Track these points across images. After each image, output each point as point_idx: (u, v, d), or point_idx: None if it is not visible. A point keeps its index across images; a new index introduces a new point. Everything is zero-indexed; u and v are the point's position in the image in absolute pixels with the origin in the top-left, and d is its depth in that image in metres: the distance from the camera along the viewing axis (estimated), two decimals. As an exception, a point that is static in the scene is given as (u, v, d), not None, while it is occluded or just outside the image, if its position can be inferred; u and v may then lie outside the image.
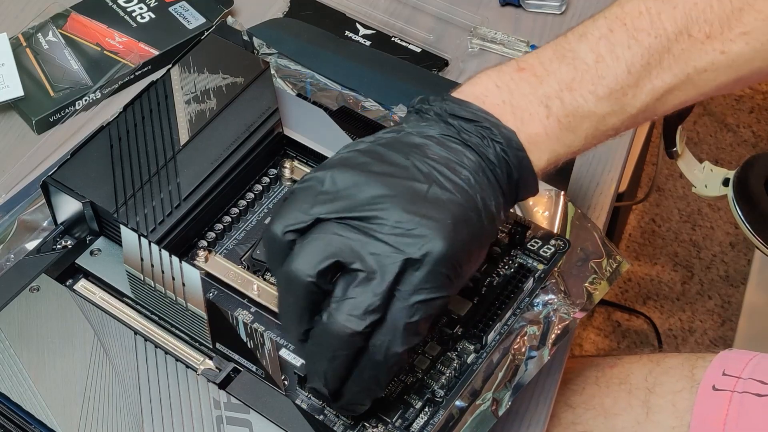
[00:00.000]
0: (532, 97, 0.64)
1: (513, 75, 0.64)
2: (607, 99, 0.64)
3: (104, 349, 0.64)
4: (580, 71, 0.64)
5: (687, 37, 0.64)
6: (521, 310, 0.70)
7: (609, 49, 0.64)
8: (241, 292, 0.69)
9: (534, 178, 0.64)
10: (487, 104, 0.63)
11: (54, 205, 0.71)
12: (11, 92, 0.86)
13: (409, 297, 0.58)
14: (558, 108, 0.64)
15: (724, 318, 1.64)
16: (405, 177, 0.60)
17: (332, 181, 0.60)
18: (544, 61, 0.65)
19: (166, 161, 0.71)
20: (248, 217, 0.74)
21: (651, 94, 0.65)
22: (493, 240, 0.64)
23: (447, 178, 0.60)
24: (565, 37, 0.66)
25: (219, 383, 0.64)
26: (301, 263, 0.59)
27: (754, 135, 1.86)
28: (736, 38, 0.64)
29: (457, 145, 0.62)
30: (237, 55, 0.78)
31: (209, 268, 0.71)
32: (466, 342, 0.68)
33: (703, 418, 0.78)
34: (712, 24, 0.64)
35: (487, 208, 0.61)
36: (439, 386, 0.66)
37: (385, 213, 0.58)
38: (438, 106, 0.63)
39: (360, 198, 0.59)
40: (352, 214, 0.59)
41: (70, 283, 0.70)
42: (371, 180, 0.59)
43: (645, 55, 0.64)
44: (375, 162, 0.61)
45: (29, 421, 0.62)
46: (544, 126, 0.63)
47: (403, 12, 0.97)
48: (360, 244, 0.58)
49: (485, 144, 0.62)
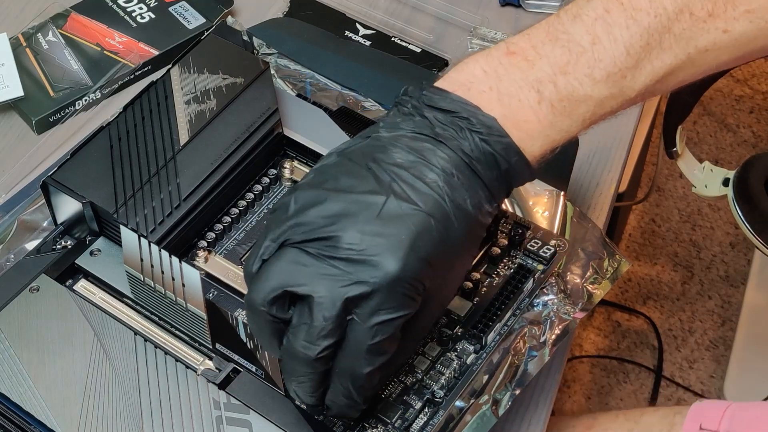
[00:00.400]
0: (522, 82, 0.61)
1: (502, 59, 0.61)
2: (605, 82, 0.61)
3: (104, 349, 0.64)
4: (575, 54, 0.61)
5: (688, 15, 0.61)
6: (521, 310, 0.70)
7: (606, 30, 0.61)
8: (241, 293, 0.69)
9: (526, 164, 0.61)
10: (472, 91, 0.61)
11: (54, 205, 0.71)
12: (11, 92, 0.86)
13: (368, 319, 0.56)
14: (551, 93, 0.61)
15: (724, 318, 1.64)
16: (363, 191, 0.58)
17: (295, 204, 0.58)
18: (536, 44, 0.61)
19: (166, 161, 0.71)
20: (248, 217, 0.74)
21: (651, 76, 0.62)
22: (480, 237, 0.62)
23: (410, 186, 0.58)
24: (558, 18, 0.62)
25: (219, 384, 0.64)
26: (254, 293, 0.58)
27: (754, 135, 1.86)
28: (740, 16, 0.61)
29: (427, 143, 0.59)
30: (237, 56, 0.78)
31: (209, 269, 0.71)
32: (465, 342, 0.68)
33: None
34: (715, 2, 0.61)
35: (460, 209, 0.59)
36: (439, 387, 0.66)
37: (340, 233, 0.56)
38: (416, 97, 0.61)
39: (318, 220, 0.57)
40: (311, 236, 0.57)
41: (69, 283, 0.70)
42: (329, 197, 0.58)
43: (644, 35, 0.61)
44: (337, 176, 0.59)
45: (29, 421, 0.62)
46: (536, 112, 0.61)
47: (403, 12, 0.97)
48: (312, 270, 0.56)
49: (461, 136, 0.59)
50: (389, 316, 0.56)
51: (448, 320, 0.69)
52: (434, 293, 0.59)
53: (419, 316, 0.59)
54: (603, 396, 1.57)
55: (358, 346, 0.57)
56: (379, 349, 0.57)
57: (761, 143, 1.85)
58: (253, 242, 0.72)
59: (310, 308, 0.56)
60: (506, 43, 0.62)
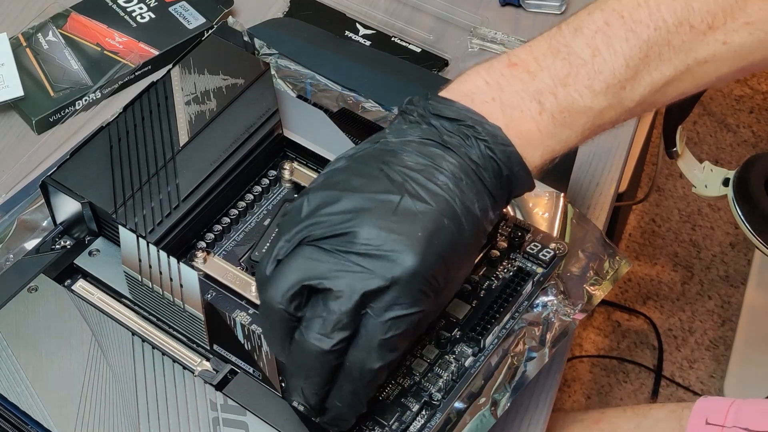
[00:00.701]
0: (524, 93, 0.62)
1: (504, 71, 0.63)
2: (604, 94, 0.62)
3: (102, 349, 0.64)
4: (575, 66, 0.62)
5: (688, 28, 0.62)
6: (520, 313, 0.70)
7: (606, 43, 0.62)
8: (240, 294, 0.69)
9: (527, 173, 0.62)
10: (475, 101, 0.62)
11: (53, 205, 0.71)
12: (11, 92, 0.86)
13: (383, 313, 0.57)
14: (552, 104, 0.62)
15: (724, 318, 1.64)
16: (377, 190, 0.59)
17: (308, 206, 0.59)
18: (538, 56, 0.63)
19: (165, 162, 0.71)
20: (247, 218, 0.74)
21: (649, 87, 0.63)
22: (482, 243, 0.63)
23: (422, 186, 0.59)
24: (560, 30, 0.63)
25: (216, 385, 0.64)
26: (271, 291, 0.58)
27: (754, 135, 1.86)
28: (740, 28, 0.62)
29: (436, 149, 0.60)
30: (237, 57, 0.78)
31: (208, 270, 0.70)
32: (464, 345, 0.68)
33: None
34: (715, 15, 0.62)
35: (469, 212, 0.60)
36: (437, 389, 0.66)
37: (356, 229, 0.57)
38: (422, 106, 0.62)
39: (333, 217, 0.58)
40: (326, 233, 0.58)
41: (68, 283, 0.70)
42: (344, 197, 0.58)
43: (644, 48, 0.62)
44: (349, 178, 0.60)
45: (26, 421, 0.62)
46: (537, 122, 0.62)
47: (403, 12, 0.97)
48: (330, 264, 0.57)
49: (468, 144, 0.60)
50: (404, 311, 0.57)
51: (446, 323, 0.69)
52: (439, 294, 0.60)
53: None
54: (603, 396, 1.57)
55: (371, 340, 0.57)
56: (391, 344, 0.58)
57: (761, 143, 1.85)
58: (252, 243, 0.72)
59: (325, 301, 0.57)
60: (508, 55, 0.63)
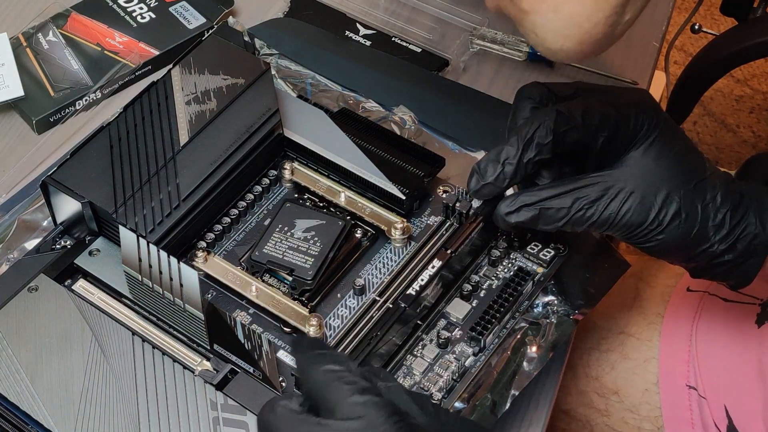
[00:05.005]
0: None
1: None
2: None
3: (102, 349, 0.64)
4: None
5: None
6: (520, 313, 0.70)
7: None
8: (240, 294, 0.69)
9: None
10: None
11: (53, 205, 0.71)
12: (11, 92, 0.86)
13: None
14: None
15: (724, 318, 1.64)
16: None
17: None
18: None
19: (165, 162, 0.71)
20: (248, 218, 0.74)
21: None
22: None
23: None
24: None
25: (216, 384, 0.64)
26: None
27: (754, 135, 1.86)
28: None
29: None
30: (238, 56, 0.78)
31: (208, 269, 0.70)
32: (464, 345, 0.68)
33: (677, 312, 0.84)
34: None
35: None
36: (437, 389, 0.66)
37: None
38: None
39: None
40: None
41: (68, 283, 0.70)
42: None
43: None
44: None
45: (26, 421, 0.62)
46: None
47: (403, 12, 0.97)
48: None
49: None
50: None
51: (447, 323, 0.69)
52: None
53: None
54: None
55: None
56: None
57: (761, 143, 1.85)
58: (252, 243, 0.72)
59: None
60: None
